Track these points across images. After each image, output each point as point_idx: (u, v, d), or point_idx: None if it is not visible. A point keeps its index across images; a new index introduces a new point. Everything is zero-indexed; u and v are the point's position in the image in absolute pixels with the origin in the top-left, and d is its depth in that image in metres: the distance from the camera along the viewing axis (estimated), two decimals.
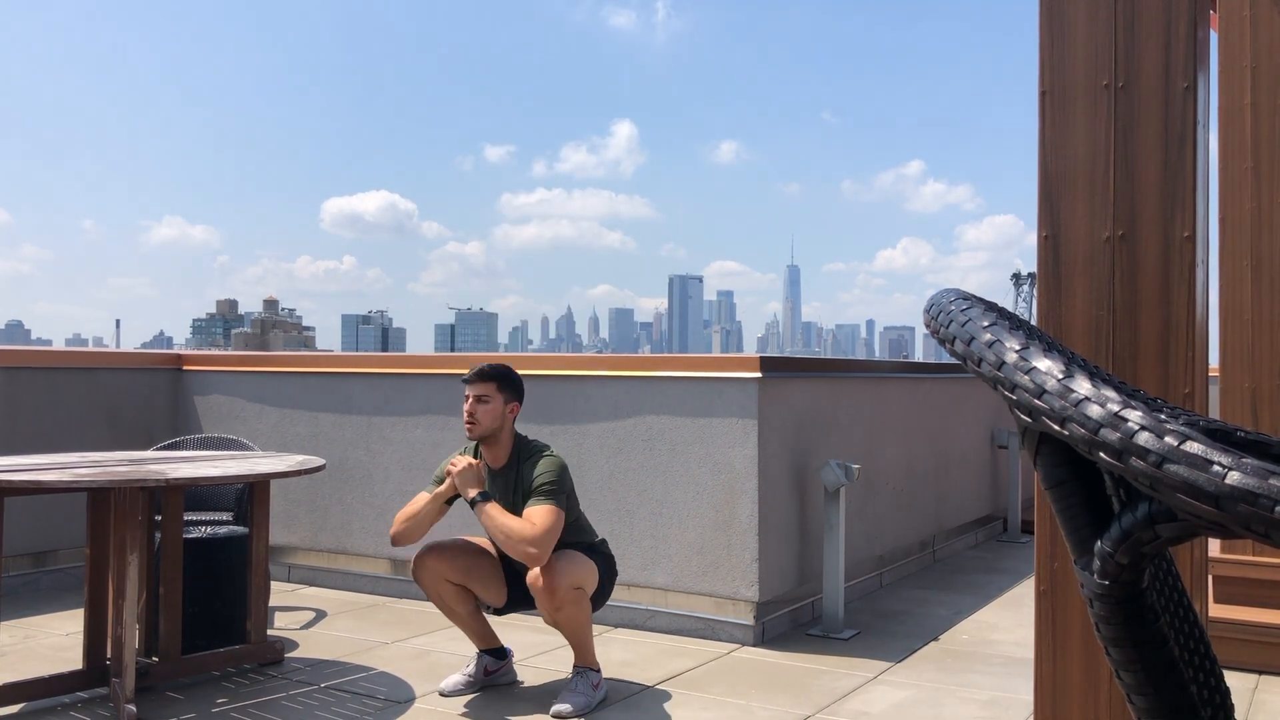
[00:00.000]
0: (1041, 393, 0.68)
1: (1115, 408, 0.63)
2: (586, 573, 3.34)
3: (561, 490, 3.32)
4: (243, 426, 5.44)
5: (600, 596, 3.44)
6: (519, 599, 3.49)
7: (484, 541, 3.51)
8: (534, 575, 3.23)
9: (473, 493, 3.28)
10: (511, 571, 3.48)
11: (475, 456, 3.50)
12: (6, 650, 3.97)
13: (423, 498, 3.43)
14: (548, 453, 3.42)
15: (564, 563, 3.26)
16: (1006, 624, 4.52)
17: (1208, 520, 0.57)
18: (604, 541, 3.57)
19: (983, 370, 0.73)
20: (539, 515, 3.23)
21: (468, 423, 3.40)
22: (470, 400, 3.40)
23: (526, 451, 3.43)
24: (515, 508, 3.33)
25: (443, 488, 3.38)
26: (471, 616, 3.52)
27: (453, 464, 3.35)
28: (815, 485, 4.50)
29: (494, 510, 3.25)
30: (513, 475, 3.41)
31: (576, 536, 3.41)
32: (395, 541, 3.43)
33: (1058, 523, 0.73)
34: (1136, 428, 0.61)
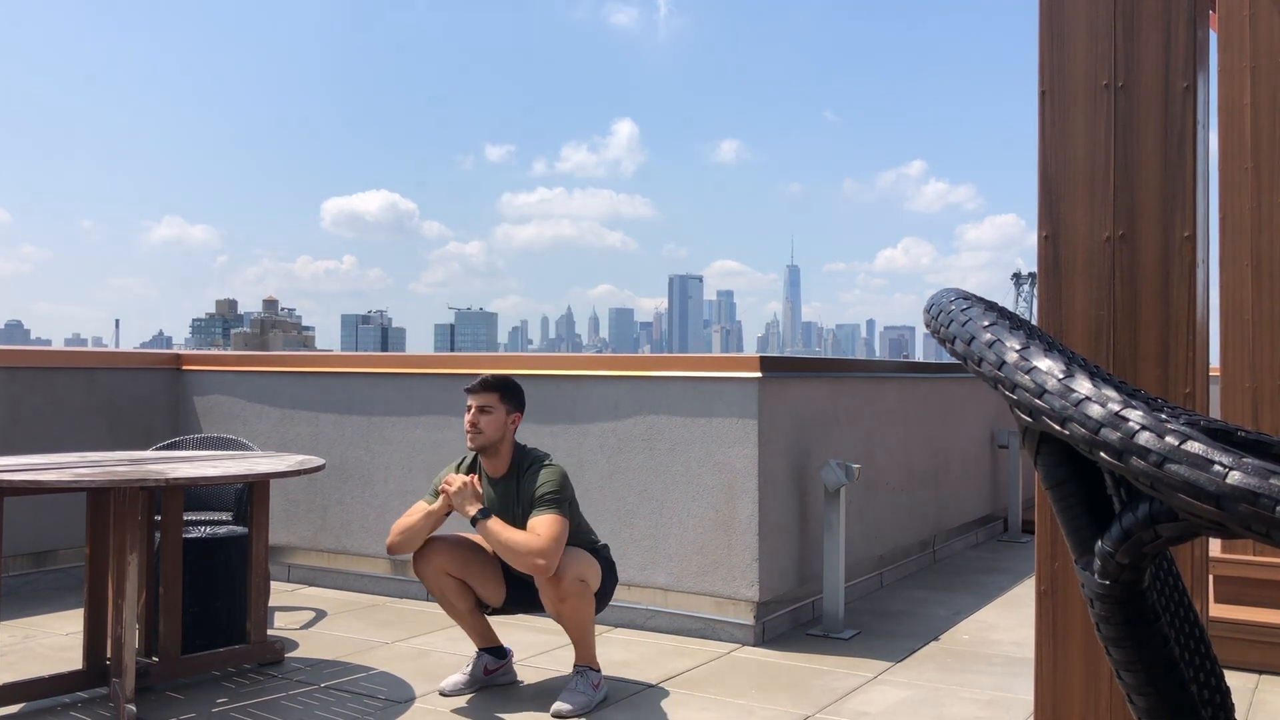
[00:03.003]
0: (1042, 392, 0.68)
1: (1116, 407, 0.63)
2: (591, 567, 3.35)
3: (564, 499, 3.33)
4: (242, 426, 5.44)
5: (602, 597, 3.44)
6: (517, 600, 3.49)
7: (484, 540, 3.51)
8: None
9: (472, 510, 3.27)
10: (510, 573, 3.48)
11: (471, 469, 3.50)
12: (6, 650, 3.97)
13: (420, 508, 3.42)
14: (548, 462, 3.42)
15: (569, 557, 3.27)
16: (1007, 624, 4.52)
17: (1208, 520, 0.57)
18: (605, 546, 3.57)
19: (983, 370, 0.73)
20: (544, 526, 3.23)
21: (470, 432, 3.40)
22: (473, 410, 3.40)
23: (526, 461, 3.43)
24: (515, 518, 3.33)
25: (438, 506, 3.36)
26: (472, 614, 3.52)
27: (448, 484, 3.34)
28: (815, 485, 4.50)
29: (496, 526, 3.25)
30: (513, 484, 3.41)
31: (578, 541, 3.42)
32: (391, 551, 3.45)
33: (1058, 523, 0.73)
34: (1137, 427, 0.61)
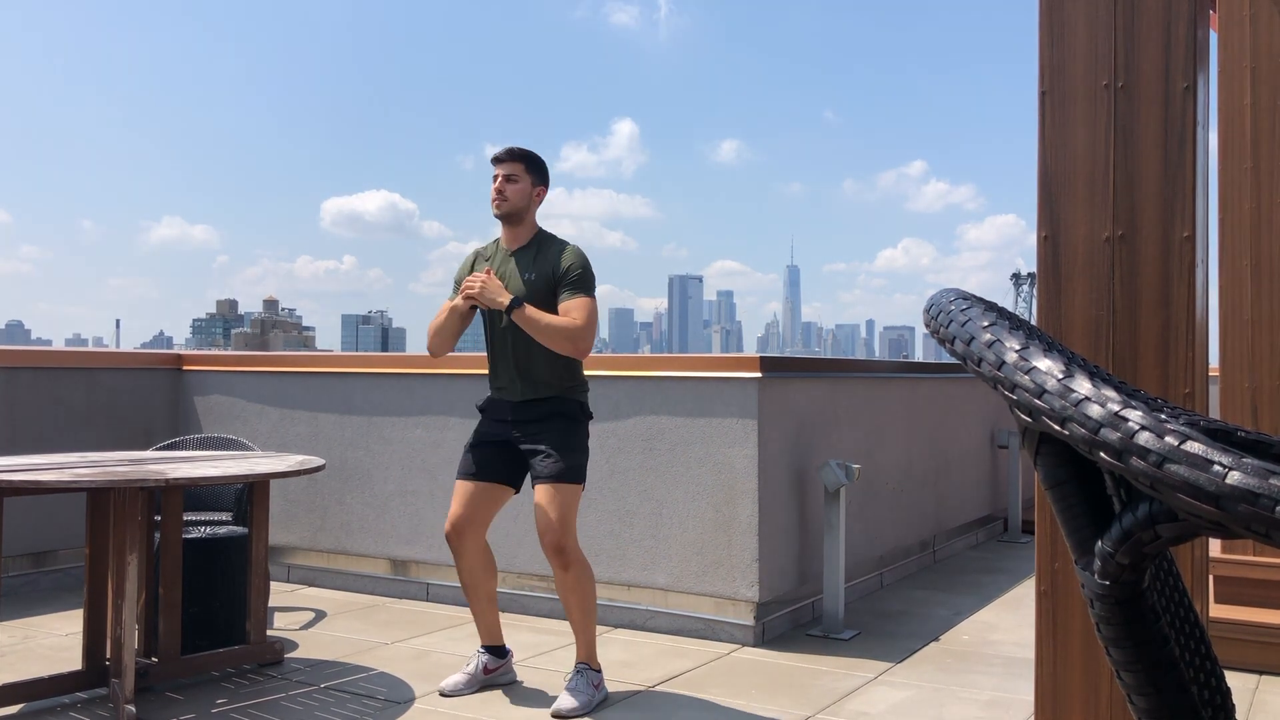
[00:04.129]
0: (1042, 392, 0.68)
1: (1115, 407, 0.63)
2: (574, 507, 3.37)
3: (591, 281, 3.41)
4: (243, 426, 5.44)
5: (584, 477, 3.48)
6: (516, 475, 3.50)
7: (463, 484, 3.49)
8: (541, 536, 3.31)
9: (504, 300, 3.32)
10: (499, 472, 3.47)
11: (487, 260, 3.53)
12: (6, 650, 3.97)
13: (445, 308, 3.50)
14: (570, 244, 3.48)
15: (559, 511, 3.29)
16: (1007, 624, 4.52)
17: (1208, 520, 0.57)
18: (586, 382, 3.53)
19: (983, 370, 0.73)
20: (577, 309, 3.32)
21: (496, 199, 3.45)
22: (499, 179, 3.46)
23: (547, 237, 3.50)
24: (532, 284, 3.37)
25: (461, 303, 3.41)
26: (490, 602, 3.57)
27: (469, 285, 3.37)
28: (815, 485, 4.50)
29: (531, 312, 3.30)
30: (529, 255, 3.46)
31: (568, 372, 3.43)
32: (433, 354, 3.55)
33: (1058, 523, 0.73)
34: (1137, 427, 0.61)
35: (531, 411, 3.41)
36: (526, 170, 3.47)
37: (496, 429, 3.48)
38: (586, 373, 3.51)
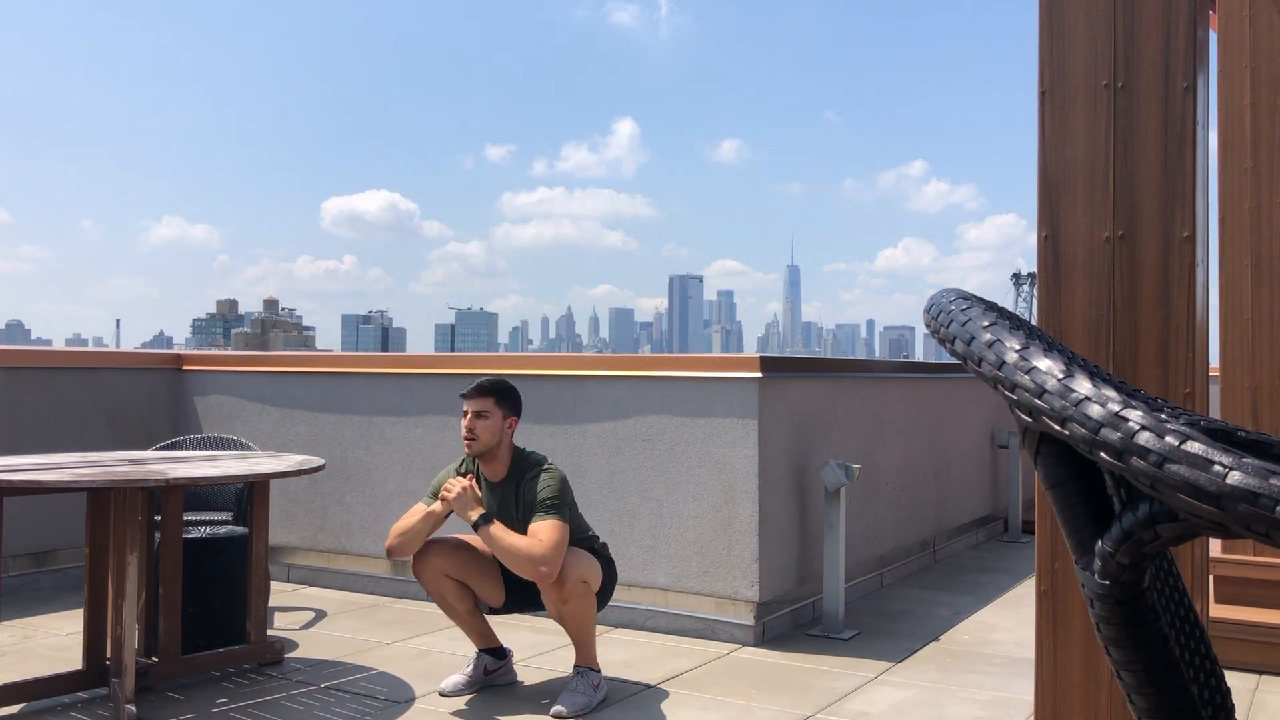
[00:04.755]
0: (1042, 392, 0.68)
1: (1116, 407, 0.63)
2: (592, 568, 3.35)
3: (564, 504, 3.33)
4: (243, 426, 5.44)
5: (603, 596, 3.44)
6: (517, 600, 3.50)
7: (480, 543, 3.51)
8: (540, 574, 3.24)
9: (474, 516, 3.26)
10: (509, 575, 3.48)
11: (470, 472, 3.50)
12: (6, 650, 3.97)
13: (419, 510, 3.41)
14: (547, 466, 3.41)
15: (571, 558, 3.27)
16: (1007, 624, 4.52)
17: (1209, 520, 0.57)
18: (605, 545, 3.57)
19: (983, 370, 0.73)
20: (545, 531, 3.23)
21: (466, 438, 3.40)
22: (469, 416, 3.40)
23: (524, 465, 3.43)
24: (514, 522, 3.33)
25: (437, 509, 3.35)
26: (471, 615, 3.52)
27: (447, 490, 3.32)
28: (815, 485, 4.50)
29: (499, 531, 3.24)
30: (511, 489, 3.41)
31: (578, 541, 3.42)
32: (390, 553, 3.44)
33: (1058, 523, 0.73)
34: (1137, 427, 0.61)
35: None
36: (497, 404, 3.40)
37: None
38: (587, 373, 3.50)
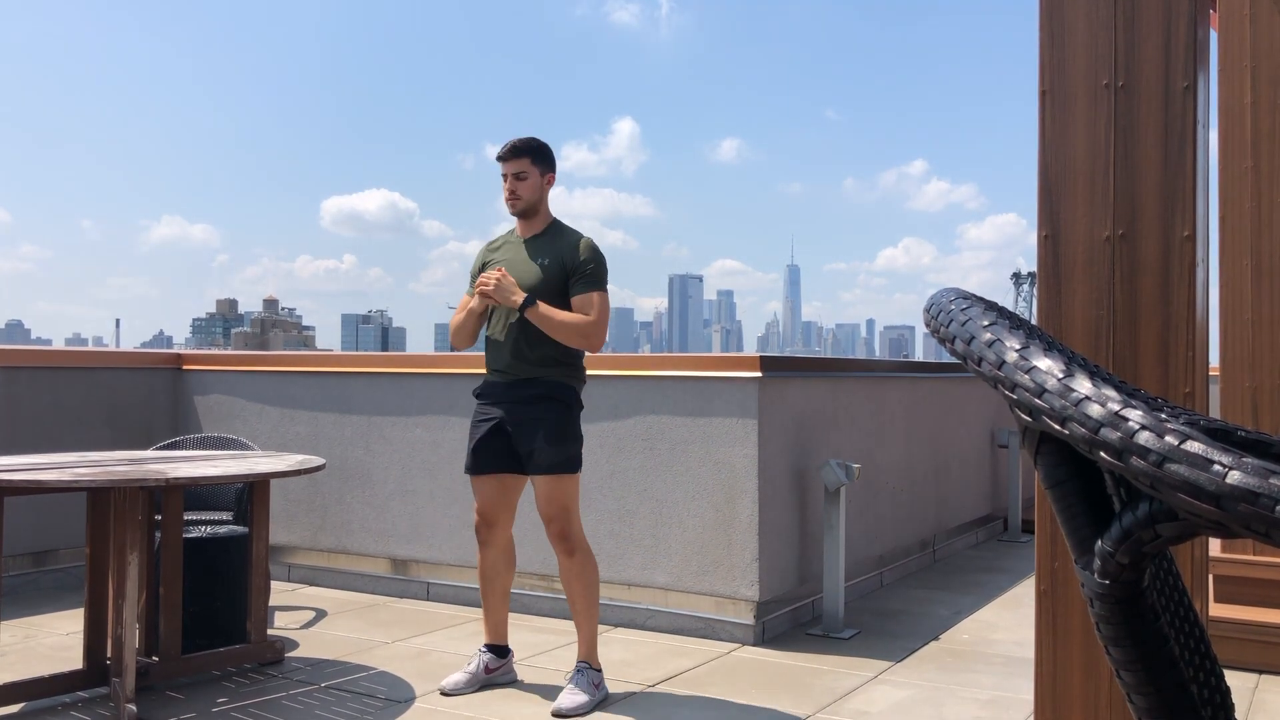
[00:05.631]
0: (1042, 392, 0.68)
1: (1116, 407, 0.63)
2: (575, 494, 3.44)
3: (605, 274, 3.46)
4: (243, 426, 5.44)
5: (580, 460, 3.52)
6: (521, 462, 3.47)
7: (478, 480, 3.51)
8: (546, 525, 3.39)
9: (518, 299, 3.36)
10: (507, 463, 3.47)
11: (496, 263, 3.52)
12: (7, 650, 3.97)
13: (465, 303, 3.56)
14: (586, 237, 3.51)
15: (562, 501, 3.37)
16: (1007, 624, 4.52)
17: (1208, 520, 0.57)
18: (581, 359, 3.54)
19: (983, 370, 0.73)
20: (590, 305, 3.38)
21: (510, 200, 3.49)
22: (509, 179, 3.49)
23: (562, 228, 3.54)
24: (545, 269, 3.42)
25: (476, 304, 3.46)
26: (503, 598, 3.62)
27: (484, 283, 3.40)
28: (815, 485, 4.50)
29: (545, 310, 3.35)
30: (546, 241, 3.50)
31: (569, 364, 3.45)
32: (455, 349, 3.66)
33: (1058, 522, 0.73)
34: (1137, 427, 0.61)
35: (525, 391, 3.42)
36: (533, 163, 3.50)
37: (492, 412, 3.48)
38: (587, 373, 3.51)
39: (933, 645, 4.17)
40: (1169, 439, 0.59)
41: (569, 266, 3.41)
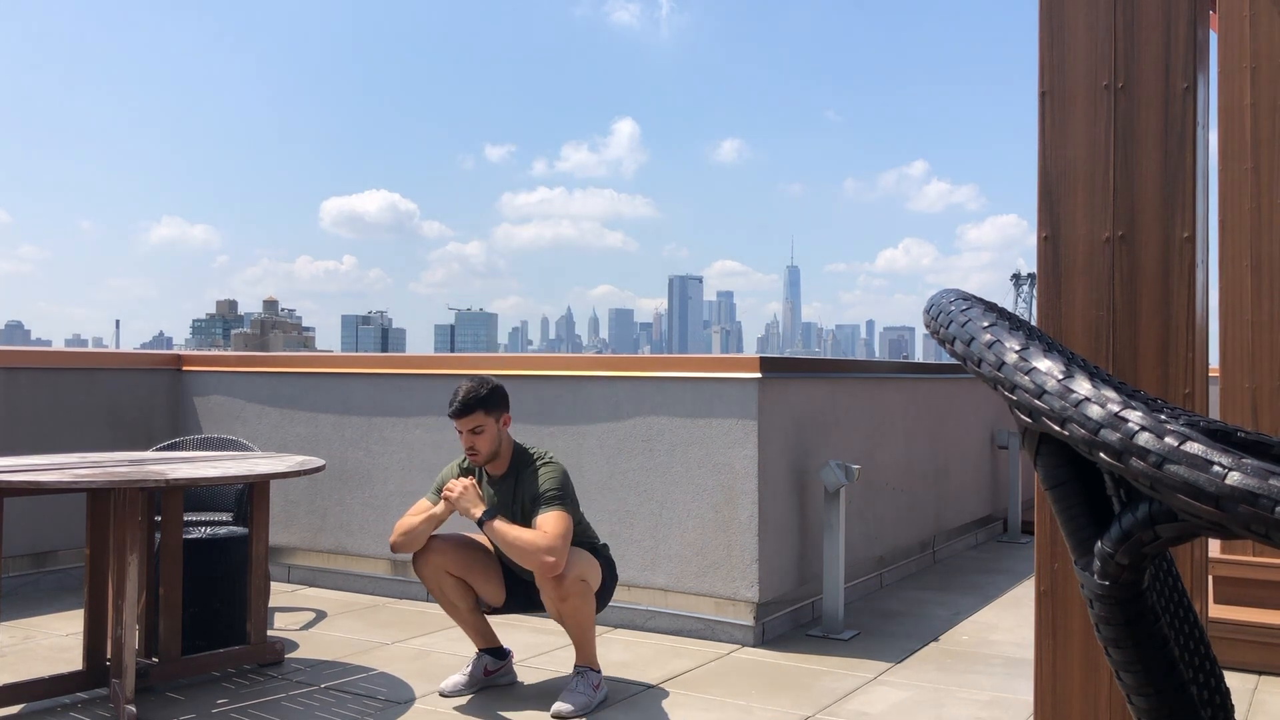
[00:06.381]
0: (1042, 393, 0.68)
1: (1115, 408, 0.63)
2: (592, 567, 3.36)
3: (568, 496, 3.35)
4: (242, 427, 5.44)
5: (603, 597, 3.45)
6: (517, 600, 3.50)
7: (484, 538, 3.52)
8: (539, 570, 3.25)
9: (477, 513, 3.30)
10: (510, 574, 3.49)
11: (472, 471, 3.52)
12: (6, 651, 3.97)
13: (423, 508, 3.43)
14: (548, 460, 3.43)
15: (572, 557, 3.28)
16: (1006, 624, 4.52)
17: (1208, 521, 0.57)
18: (605, 546, 3.58)
19: (983, 370, 0.73)
20: (550, 523, 3.25)
21: (469, 454, 3.43)
22: (465, 434, 3.41)
23: (525, 459, 3.45)
24: (515, 516, 3.35)
25: (440, 510, 3.38)
26: (472, 613, 3.53)
27: (449, 490, 3.35)
28: (815, 485, 4.50)
29: (502, 526, 3.27)
30: (512, 483, 3.43)
31: (580, 540, 3.42)
32: (395, 550, 3.47)
33: (1058, 523, 0.73)
34: (1137, 428, 0.61)
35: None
36: (486, 413, 3.40)
37: None
38: (587, 373, 3.51)
39: (932, 646, 4.17)
40: (1169, 440, 0.59)
41: (532, 497, 3.35)
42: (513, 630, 4.15)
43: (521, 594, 3.46)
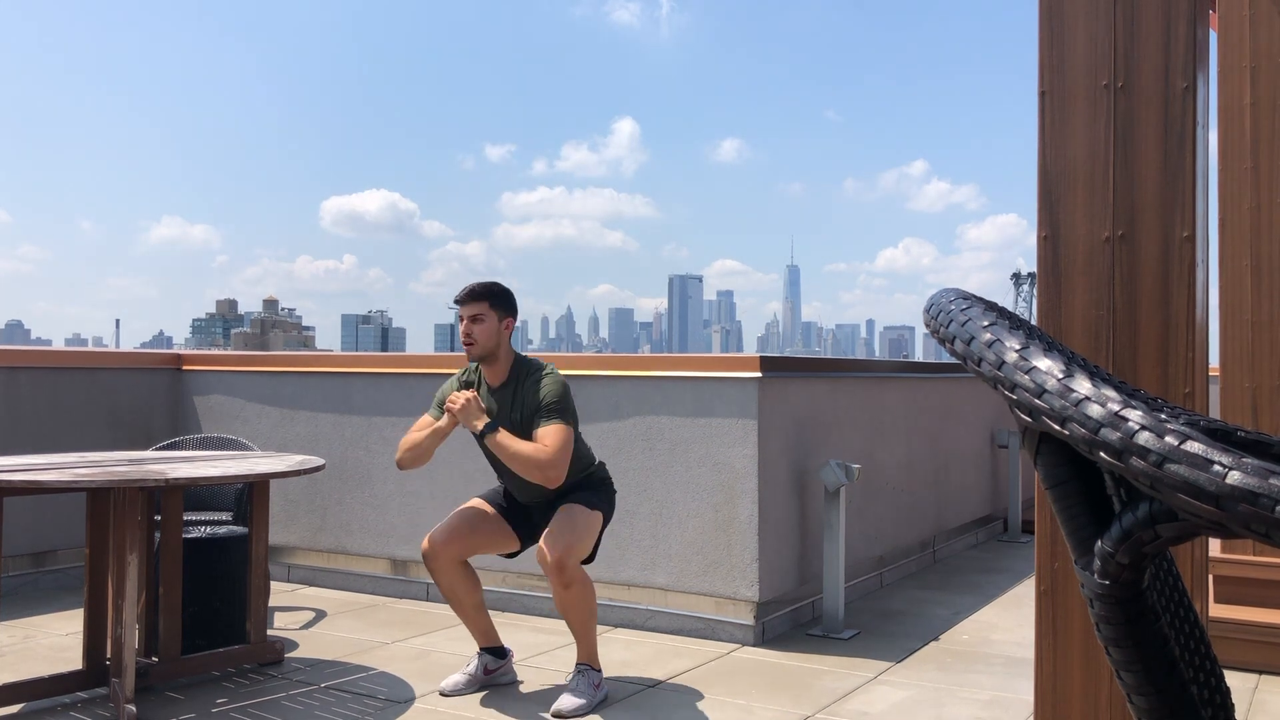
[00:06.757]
0: (1042, 392, 0.68)
1: (1115, 407, 0.63)
2: (589, 536, 3.37)
3: (568, 409, 3.37)
4: (243, 426, 5.44)
5: (603, 522, 3.48)
6: (529, 537, 3.53)
7: (477, 503, 3.54)
8: (542, 553, 3.28)
9: (479, 424, 3.31)
10: (515, 518, 3.51)
11: (473, 383, 3.53)
12: (6, 650, 3.97)
13: (426, 422, 3.47)
14: (548, 371, 3.46)
15: (570, 535, 3.29)
16: (1007, 624, 4.52)
17: (1208, 520, 0.57)
18: (602, 465, 3.60)
19: (983, 370, 0.73)
20: (550, 436, 3.29)
21: (465, 343, 3.44)
22: (465, 321, 3.43)
23: (526, 369, 3.47)
24: (515, 425, 3.37)
25: (444, 423, 3.41)
26: (477, 610, 3.54)
27: (452, 402, 3.37)
28: (815, 485, 4.50)
29: (504, 438, 3.29)
30: (511, 392, 3.45)
31: (578, 465, 3.44)
32: (401, 466, 3.51)
33: (1058, 523, 0.73)
34: (1137, 427, 0.61)
35: (548, 499, 3.44)
36: (491, 307, 3.42)
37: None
38: (587, 373, 3.52)
39: (933, 646, 4.17)
40: (1169, 439, 0.59)
41: (533, 407, 3.36)
42: (513, 630, 4.15)
43: (529, 529, 3.50)
